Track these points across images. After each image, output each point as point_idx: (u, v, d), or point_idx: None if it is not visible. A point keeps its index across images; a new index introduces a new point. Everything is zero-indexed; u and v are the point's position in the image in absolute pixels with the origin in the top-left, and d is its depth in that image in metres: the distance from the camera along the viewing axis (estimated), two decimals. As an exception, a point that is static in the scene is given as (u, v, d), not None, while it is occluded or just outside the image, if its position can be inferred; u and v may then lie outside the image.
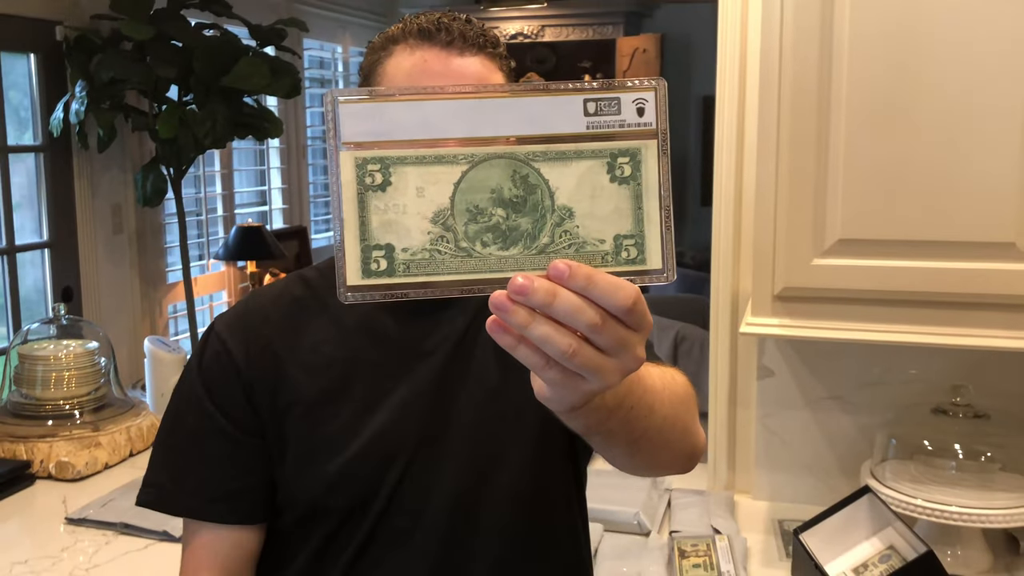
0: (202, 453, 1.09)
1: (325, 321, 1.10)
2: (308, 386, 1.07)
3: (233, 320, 1.12)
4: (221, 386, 1.08)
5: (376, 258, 0.61)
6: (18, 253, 3.57)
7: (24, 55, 3.56)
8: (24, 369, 2.16)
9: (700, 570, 1.59)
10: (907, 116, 1.48)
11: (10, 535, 1.81)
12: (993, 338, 1.50)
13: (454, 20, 1.04)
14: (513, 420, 1.09)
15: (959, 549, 1.63)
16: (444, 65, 1.02)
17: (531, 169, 0.62)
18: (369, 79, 1.08)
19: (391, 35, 1.07)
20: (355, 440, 1.06)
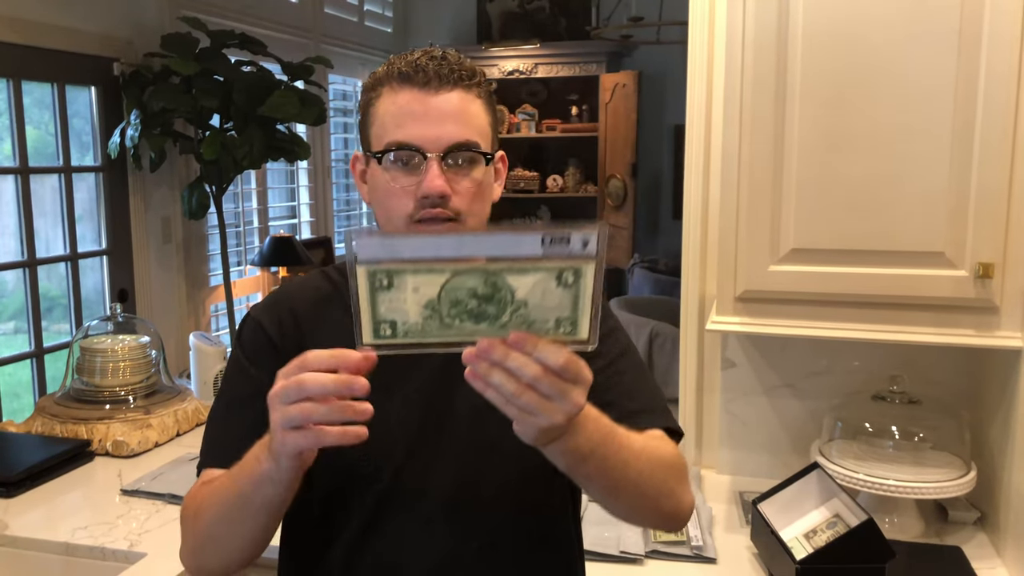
0: (240, 412, 1.05)
1: (344, 315, 1.04)
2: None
3: (264, 306, 1.13)
4: (260, 355, 1.07)
5: (383, 328, 0.76)
6: (80, 260, 3.56)
7: (86, 88, 3.56)
8: (85, 360, 2.16)
9: (671, 535, 1.59)
10: (850, 143, 1.48)
11: (73, 504, 1.80)
12: (925, 334, 1.50)
13: (430, 60, 1.01)
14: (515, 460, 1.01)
15: (896, 517, 1.63)
16: (423, 105, 1.00)
17: (498, 277, 0.73)
18: (365, 118, 1.07)
19: (378, 77, 1.05)
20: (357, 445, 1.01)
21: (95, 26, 3.44)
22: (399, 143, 1.00)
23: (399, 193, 1.01)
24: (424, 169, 0.99)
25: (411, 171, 1.00)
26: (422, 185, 0.99)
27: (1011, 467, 1.52)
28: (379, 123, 1.03)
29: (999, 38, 1.39)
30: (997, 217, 1.42)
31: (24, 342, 3.36)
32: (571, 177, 5.96)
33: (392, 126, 1.01)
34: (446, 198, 0.99)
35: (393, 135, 1.01)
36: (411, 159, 1.00)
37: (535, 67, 5.81)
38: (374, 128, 1.04)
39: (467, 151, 1.01)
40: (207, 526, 0.99)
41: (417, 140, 0.99)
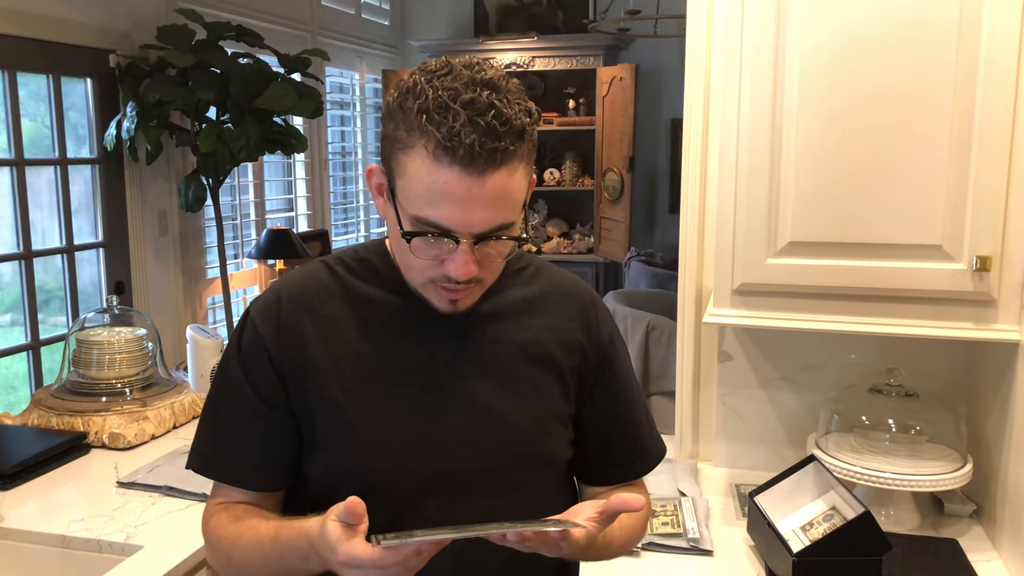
0: (239, 429, 1.06)
1: (350, 311, 1.05)
2: (332, 372, 1.03)
3: (264, 307, 1.07)
4: (256, 370, 1.05)
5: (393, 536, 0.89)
6: (76, 252, 3.55)
7: (82, 80, 3.54)
8: (81, 352, 2.15)
9: (668, 527, 1.59)
10: (847, 136, 1.47)
11: (69, 496, 1.80)
12: (922, 327, 1.50)
13: (478, 130, 0.88)
14: (516, 428, 1.05)
15: (892, 509, 1.63)
16: (463, 190, 0.90)
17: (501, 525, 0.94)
18: (392, 151, 0.95)
19: (411, 121, 0.91)
20: (370, 431, 1.02)
21: (91, 17, 3.42)
22: (432, 223, 0.93)
23: (422, 262, 0.97)
24: (454, 251, 0.94)
25: (438, 244, 0.94)
26: (450, 267, 0.95)
27: (1007, 460, 1.52)
28: (409, 183, 0.93)
29: (998, 31, 1.38)
30: (995, 210, 1.42)
31: (20, 335, 3.35)
32: (568, 171, 5.96)
33: (424, 201, 0.92)
34: (473, 277, 0.96)
35: (423, 211, 0.92)
36: (440, 239, 0.94)
37: (532, 60, 5.80)
38: (402, 181, 0.94)
39: (501, 236, 0.95)
40: (247, 570, 1.05)
41: (450, 224, 0.92)
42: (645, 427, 1.19)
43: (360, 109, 5.93)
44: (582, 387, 1.12)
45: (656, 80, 5.81)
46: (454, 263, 0.94)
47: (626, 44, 5.78)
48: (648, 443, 1.18)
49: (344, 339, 1.04)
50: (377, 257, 1.09)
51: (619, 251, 5.48)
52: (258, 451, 1.06)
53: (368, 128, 6.11)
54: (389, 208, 0.98)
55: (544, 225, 6.11)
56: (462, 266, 0.94)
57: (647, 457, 1.18)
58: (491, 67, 0.95)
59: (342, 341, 1.04)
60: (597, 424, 1.13)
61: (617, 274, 5.85)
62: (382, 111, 1.00)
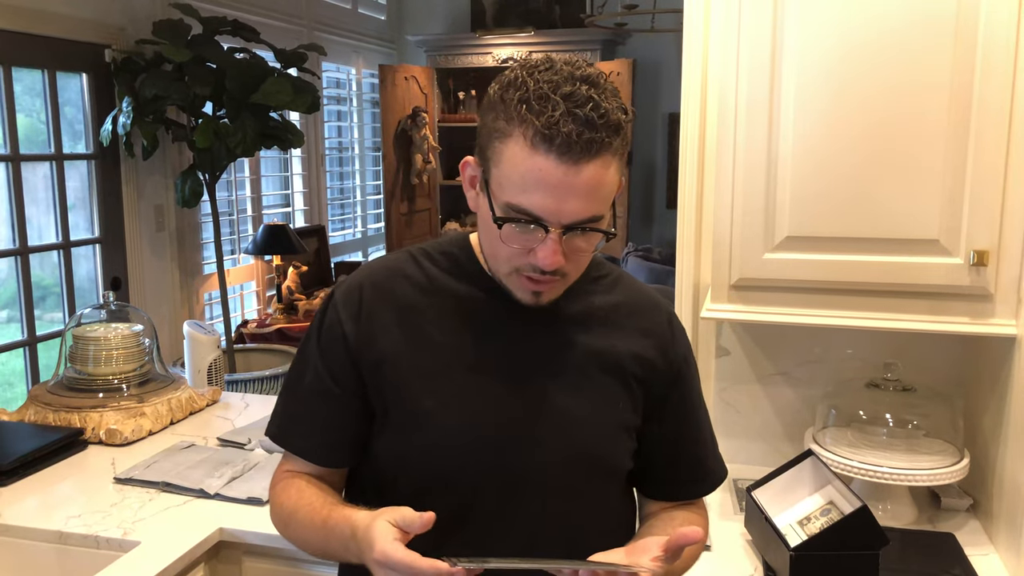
0: (311, 406, 1.10)
1: (431, 302, 1.07)
2: (407, 362, 1.05)
3: (348, 291, 1.10)
4: (333, 353, 1.08)
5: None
6: (73, 248, 3.55)
7: (77, 75, 3.53)
8: (78, 348, 2.15)
9: (666, 522, 1.59)
10: (845, 130, 1.47)
11: (66, 493, 1.80)
12: (919, 322, 1.50)
13: (576, 121, 0.90)
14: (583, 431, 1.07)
15: (889, 504, 1.63)
16: (557, 179, 0.92)
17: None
18: (489, 142, 0.97)
19: (511, 111, 0.93)
20: (441, 420, 1.03)
21: (86, 12, 3.41)
22: (524, 211, 0.94)
23: (511, 249, 0.98)
24: (543, 240, 0.96)
25: (527, 232, 0.96)
26: (538, 256, 0.96)
27: (1004, 454, 1.52)
28: (504, 171, 0.95)
29: (995, 26, 1.38)
30: (992, 205, 1.42)
31: (16, 331, 3.35)
32: (565, 166, 5.95)
33: (517, 188, 0.94)
34: (559, 269, 0.98)
35: (516, 198, 0.94)
36: (530, 227, 0.96)
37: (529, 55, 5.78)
38: (497, 169, 0.96)
39: (590, 228, 0.97)
40: (297, 542, 1.11)
41: (541, 212, 0.94)
42: (710, 447, 1.20)
43: (357, 104, 5.92)
44: (649, 401, 1.13)
45: (653, 75, 5.81)
46: (543, 252, 0.96)
47: (623, 39, 5.78)
48: (711, 464, 1.20)
49: (423, 330, 1.06)
50: (460, 251, 1.11)
51: (616, 246, 5.49)
52: (327, 429, 1.09)
53: (365, 123, 6.10)
54: (482, 198, 1.00)
55: (541, 220, 6.10)
56: (550, 255, 0.95)
57: (710, 478, 1.19)
58: (590, 65, 0.97)
59: (421, 331, 1.06)
60: (664, 439, 1.15)
61: (614, 269, 5.85)
62: (483, 103, 1.00)
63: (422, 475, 1.04)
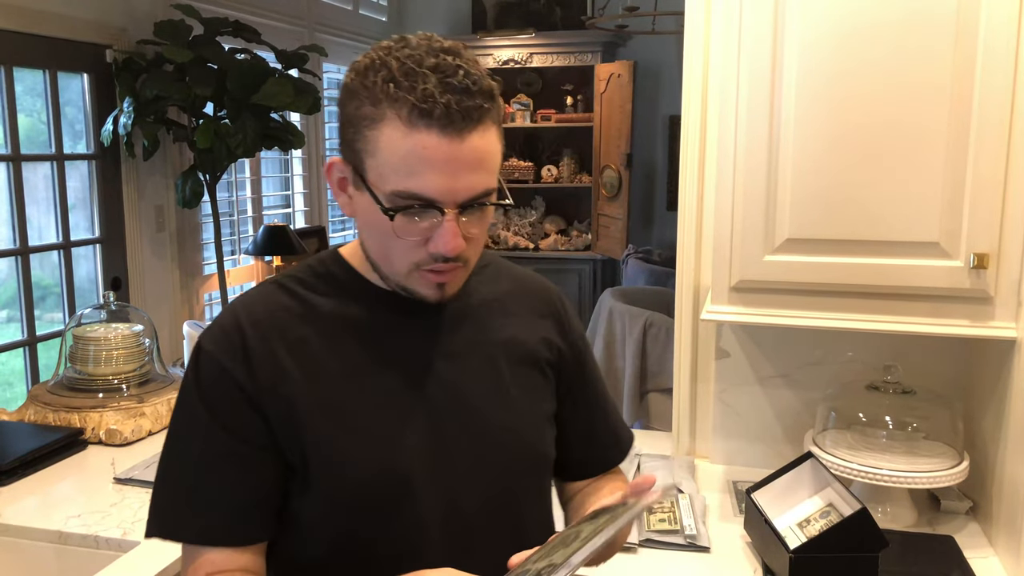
0: (212, 478, 0.94)
1: (318, 330, 0.97)
2: (315, 403, 0.94)
3: (223, 337, 0.96)
4: (227, 408, 0.93)
5: None
6: (73, 248, 3.55)
7: (78, 75, 3.54)
8: (78, 348, 2.15)
9: (665, 523, 1.59)
10: (845, 133, 1.47)
11: (66, 492, 1.80)
12: (919, 324, 1.50)
13: (449, 89, 0.85)
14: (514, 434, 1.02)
15: (889, 506, 1.63)
16: (444, 154, 0.85)
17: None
18: (356, 133, 0.89)
19: (379, 91, 0.86)
20: (370, 463, 0.94)
21: (88, 13, 3.41)
22: (414, 195, 0.87)
23: (405, 242, 0.91)
24: (439, 224, 0.89)
25: (422, 219, 0.89)
26: (438, 243, 0.89)
27: (1003, 457, 1.52)
28: (382, 158, 0.87)
29: (996, 27, 1.38)
30: (992, 207, 1.42)
31: (16, 331, 3.35)
32: (566, 167, 5.96)
33: (402, 172, 0.86)
34: (461, 254, 0.91)
35: (403, 184, 0.87)
36: (426, 212, 0.88)
37: (530, 57, 5.79)
38: (375, 159, 0.88)
39: (483, 203, 0.91)
40: None
41: (434, 194, 0.87)
42: (616, 415, 1.20)
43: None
44: (561, 384, 1.11)
45: (654, 77, 5.81)
46: (442, 237, 0.89)
47: (624, 41, 5.78)
48: (621, 431, 1.20)
49: (319, 361, 0.95)
50: (337, 268, 1.02)
51: (617, 248, 5.49)
52: (238, 498, 0.94)
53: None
54: (360, 197, 0.92)
55: (542, 222, 6.11)
56: (451, 239, 0.89)
57: (621, 444, 1.19)
58: (445, 39, 0.91)
59: (317, 363, 0.95)
60: (580, 419, 1.13)
61: (615, 271, 5.85)
62: (340, 96, 0.92)
63: (360, 516, 0.94)
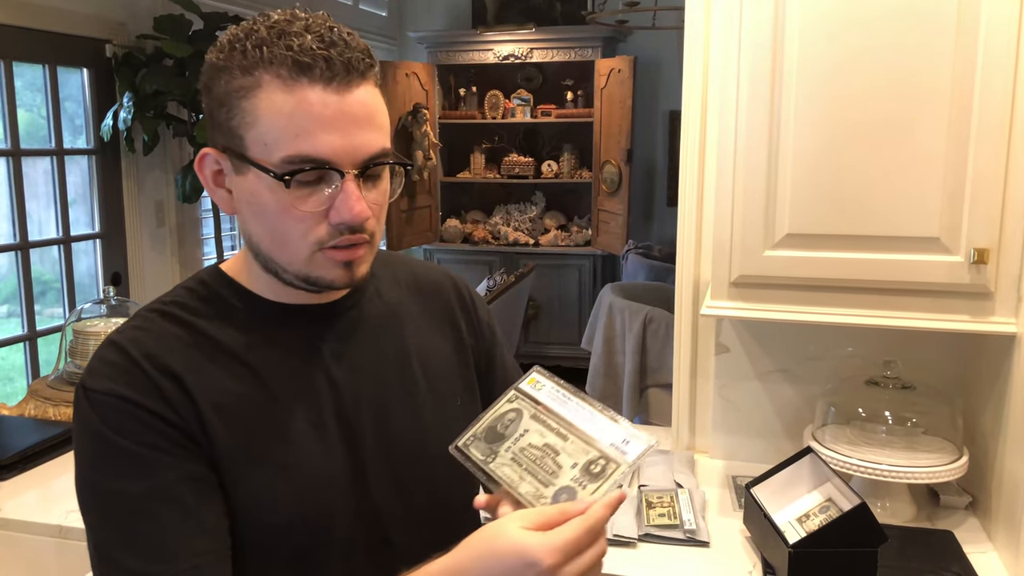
0: (174, 507, 0.81)
1: (212, 359, 0.87)
2: (228, 435, 0.84)
3: (117, 373, 0.84)
4: (155, 437, 0.82)
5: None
6: (73, 243, 3.55)
7: (78, 70, 3.53)
8: (78, 343, 2.15)
9: (665, 519, 1.59)
10: (846, 128, 1.47)
11: (66, 487, 1.80)
12: (919, 320, 1.50)
13: (323, 43, 0.80)
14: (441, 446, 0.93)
15: (888, 501, 1.63)
16: (333, 108, 0.80)
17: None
18: (231, 110, 0.81)
19: (250, 60, 0.80)
20: (290, 485, 0.86)
21: (87, 7, 3.40)
22: (307, 158, 0.79)
23: (304, 217, 0.82)
24: (339, 190, 0.81)
25: (316, 190, 0.82)
26: (340, 210, 0.82)
27: (1003, 452, 1.52)
28: (266, 126, 0.80)
29: (996, 23, 1.38)
30: (992, 202, 1.42)
31: (17, 325, 3.35)
32: (566, 163, 5.95)
33: (290, 136, 0.79)
34: (366, 226, 0.84)
35: (295, 147, 0.79)
36: (322, 178, 0.81)
37: (530, 52, 5.79)
38: (256, 129, 0.80)
39: (384, 162, 0.85)
40: None
41: (330, 155, 0.80)
42: None
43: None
44: (481, 380, 1.07)
45: (654, 72, 5.80)
46: (345, 202, 0.81)
47: (624, 36, 5.77)
48: None
49: (224, 394, 0.85)
50: (221, 287, 0.92)
51: (617, 244, 5.48)
52: (208, 517, 0.83)
53: (365, 119, 6.08)
54: (244, 181, 0.83)
55: (541, 217, 6.10)
56: (355, 202, 0.81)
57: None
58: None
59: (222, 396, 0.85)
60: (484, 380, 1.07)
61: (615, 267, 5.85)
62: (202, 83, 0.85)
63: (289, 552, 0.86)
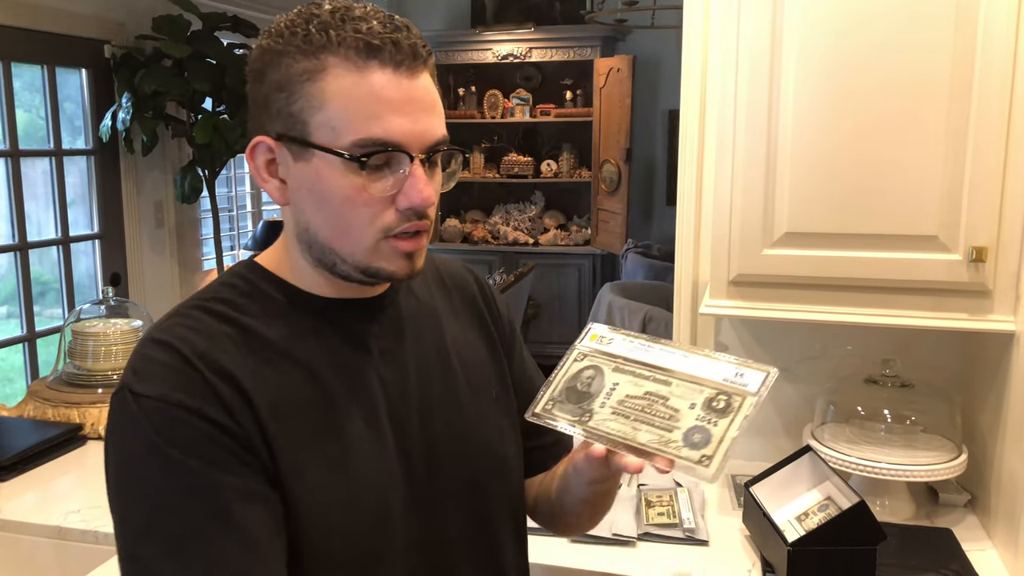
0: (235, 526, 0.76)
1: (265, 359, 0.83)
2: (284, 434, 0.81)
3: (172, 375, 0.78)
4: (216, 451, 0.77)
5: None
6: (72, 244, 3.55)
7: (77, 70, 3.53)
8: (77, 344, 2.15)
9: (664, 517, 1.59)
10: (844, 127, 1.47)
11: (65, 488, 1.80)
12: (917, 318, 1.50)
13: (388, 27, 0.80)
14: (491, 446, 0.96)
15: (887, 499, 1.64)
16: (402, 92, 0.79)
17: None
18: (289, 105, 0.80)
19: (313, 44, 0.79)
20: (347, 488, 0.83)
21: (86, 7, 3.40)
22: (380, 141, 0.79)
23: (372, 202, 0.81)
24: (407, 174, 0.81)
25: (385, 175, 0.81)
26: (410, 194, 0.81)
27: (1002, 450, 1.53)
28: (335, 109, 0.79)
29: (995, 21, 1.38)
30: (991, 201, 1.42)
31: (16, 326, 3.35)
32: (565, 162, 5.95)
33: (362, 117, 0.78)
34: (427, 213, 0.83)
35: (366, 130, 0.79)
36: (390, 162, 0.81)
37: (529, 51, 5.79)
38: (323, 113, 0.79)
39: (448, 149, 0.85)
40: None
41: (401, 137, 0.79)
42: None
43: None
44: (510, 373, 1.06)
45: (654, 71, 5.80)
46: (415, 187, 0.81)
47: (623, 35, 5.77)
48: None
49: (282, 396, 0.82)
50: (263, 282, 0.89)
51: (616, 243, 5.49)
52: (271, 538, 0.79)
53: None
54: (306, 168, 0.81)
55: (541, 217, 6.10)
56: (425, 187, 0.81)
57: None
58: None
59: (280, 399, 0.82)
60: (520, 408, 1.02)
61: (614, 266, 5.85)
62: (252, 70, 0.84)
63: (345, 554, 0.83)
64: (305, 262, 0.88)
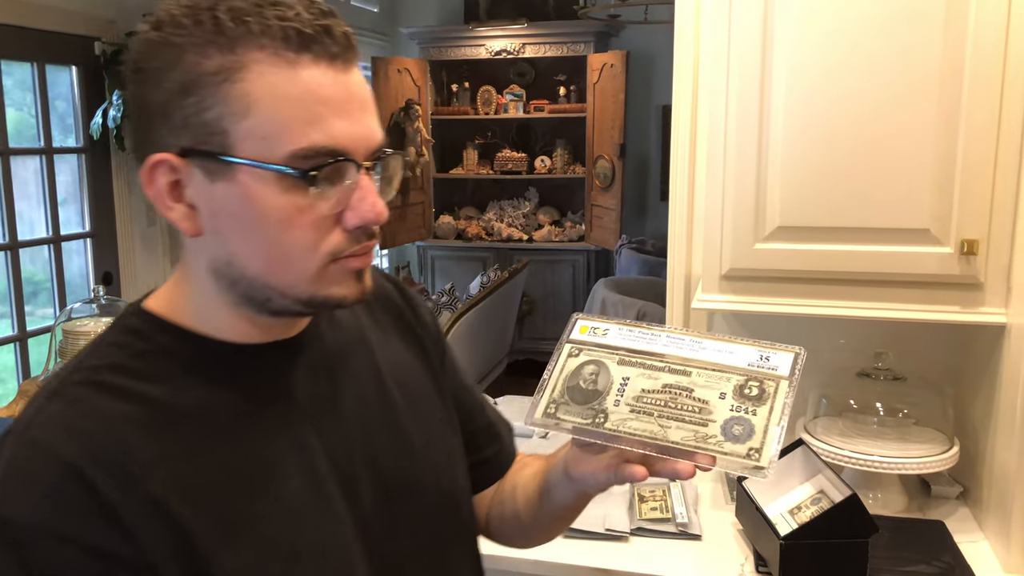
0: None
1: (178, 436, 0.69)
2: (205, 525, 0.67)
3: (49, 492, 0.63)
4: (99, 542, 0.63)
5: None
6: (64, 242, 3.54)
7: (67, 68, 3.52)
8: (68, 343, 2.14)
9: (657, 512, 1.60)
10: (835, 121, 1.47)
11: (58, 487, 1.80)
12: (909, 311, 1.50)
13: (313, 11, 0.67)
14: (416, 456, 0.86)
15: (879, 492, 1.64)
16: (341, 90, 0.67)
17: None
18: (200, 113, 0.65)
19: (228, 33, 0.65)
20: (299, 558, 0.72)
21: (76, 5, 3.39)
22: (324, 150, 0.66)
23: (316, 223, 0.68)
24: (354, 186, 0.68)
25: (334, 187, 0.68)
26: (360, 210, 0.68)
27: (993, 442, 1.53)
28: (265, 114, 0.65)
29: (985, 16, 1.38)
30: (982, 194, 1.42)
31: (7, 326, 3.34)
32: (559, 158, 5.95)
33: (300, 121, 0.65)
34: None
35: (307, 137, 0.65)
36: (336, 173, 0.67)
37: (522, 47, 5.78)
38: (250, 120, 0.65)
39: (391, 154, 0.73)
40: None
41: (347, 143, 0.67)
42: (488, 405, 1.04)
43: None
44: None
45: (647, 67, 5.80)
46: (366, 200, 0.68)
47: (617, 31, 5.77)
48: (496, 421, 1.03)
49: (204, 473, 0.69)
50: (160, 334, 0.74)
51: (610, 238, 5.49)
52: None
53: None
54: (230, 189, 0.66)
55: (535, 213, 6.10)
56: (376, 200, 0.69)
57: (509, 433, 1.04)
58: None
59: (202, 478, 0.69)
60: (462, 422, 0.96)
61: (608, 261, 5.86)
62: (137, 69, 0.68)
63: None
64: (221, 302, 0.73)
